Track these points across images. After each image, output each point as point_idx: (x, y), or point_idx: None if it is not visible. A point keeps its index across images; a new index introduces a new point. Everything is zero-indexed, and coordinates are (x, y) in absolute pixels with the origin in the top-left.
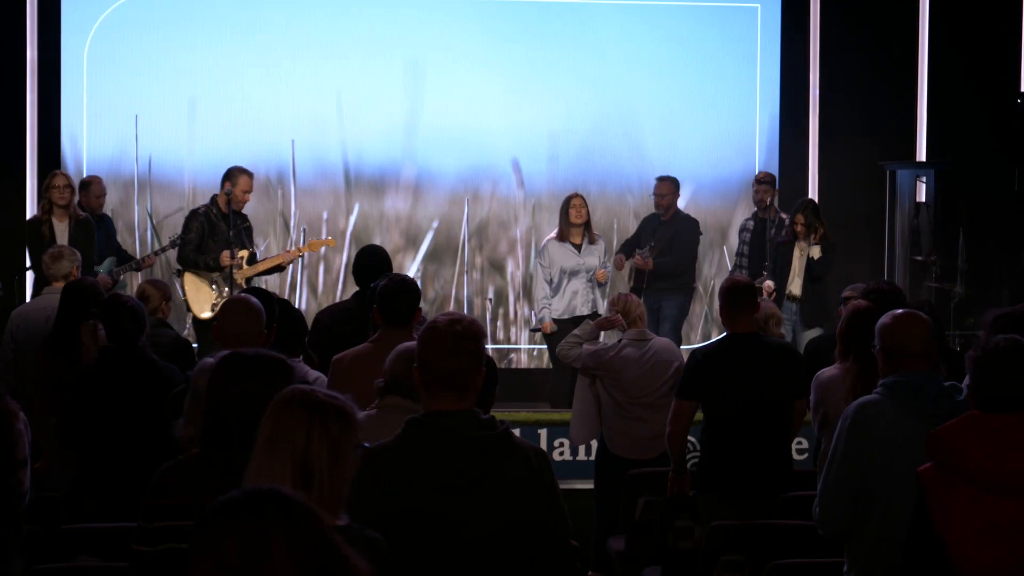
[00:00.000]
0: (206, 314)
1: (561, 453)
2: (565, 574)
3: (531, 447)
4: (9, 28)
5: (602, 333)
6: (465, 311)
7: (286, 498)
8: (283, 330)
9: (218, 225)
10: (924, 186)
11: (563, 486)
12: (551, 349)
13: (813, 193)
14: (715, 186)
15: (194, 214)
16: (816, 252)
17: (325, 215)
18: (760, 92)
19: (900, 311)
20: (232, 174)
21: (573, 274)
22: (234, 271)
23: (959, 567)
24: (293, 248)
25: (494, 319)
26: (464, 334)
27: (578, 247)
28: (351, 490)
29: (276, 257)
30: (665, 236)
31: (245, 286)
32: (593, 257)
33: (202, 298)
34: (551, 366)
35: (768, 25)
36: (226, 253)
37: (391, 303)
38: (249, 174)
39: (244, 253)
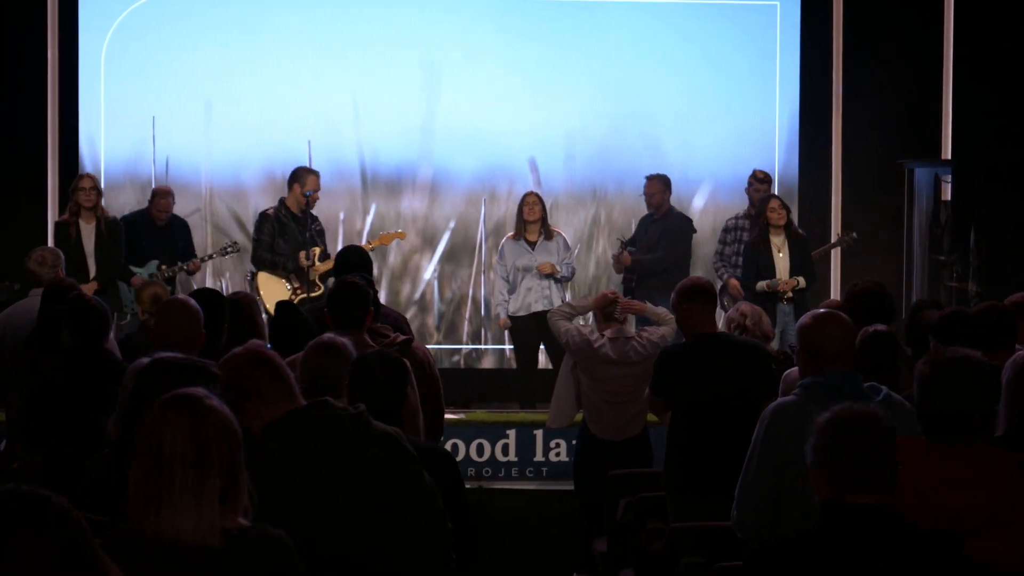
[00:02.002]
0: None
1: (557, 454)
2: (438, 554)
3: (392, 430)
4: (29, 30)
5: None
6: (482, 311)
7: (46, 501)
8: (241, 331)
9: (288, 226)
10: (949, 185)
11: (560, 487)
12: (516, 347)
13: (836, 192)
14: (734, 185)
15: (264, 216)
16: (802, 282)
17: (342, 216)
18: (779, 90)
19: (820, 311)
20: (299, 174)
21: (526, 270)
22: (309, 269)
23: None
24: (364, 243)
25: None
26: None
27: (532, 244)
28: None
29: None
30: (654, 234)
31: (320, 283)
32: (546, 254)
33: (275, 297)
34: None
35: (787, 22)
36: (302, 254)
37: (340, 306)
38: (315, 173)
39: (316, 250)
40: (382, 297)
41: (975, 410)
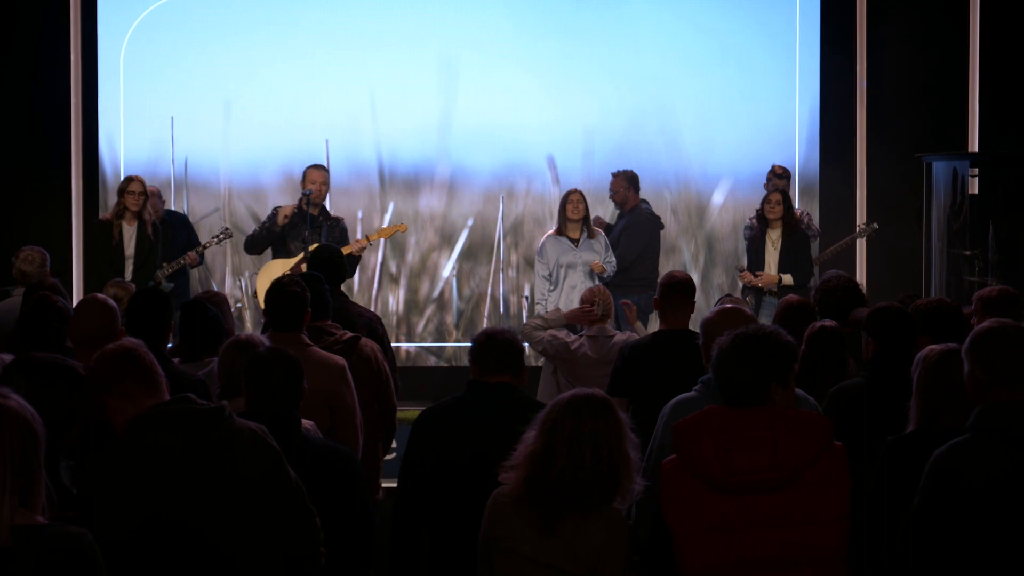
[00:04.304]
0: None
1: None
2: (302, 551)
3: (255, 427)
4: (52, 34)
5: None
6: (501, 309)
7: None
8: (193, 333)
9: (298, 222)
10: (977, 180)
11: None
12: None
13: (861, 186)
14: (754, 180)
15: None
16: (788, 279)
17: (360, 214)
18: (800, 84)
19: (727, 306)
20: (304, 173)
21: (570, 268)
22: (304, 266)
23: (683, 563)
24: (362, 237)
25: (530, 317)
26: None
27: (575, 241)
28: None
29: (343, 248)
30: (616, 231)
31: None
32: (590, 252)
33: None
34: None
35: (807, 15)
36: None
37: (274, 308)
38: (315, 167)
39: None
40: (400, 295)
41: (768, 378)
